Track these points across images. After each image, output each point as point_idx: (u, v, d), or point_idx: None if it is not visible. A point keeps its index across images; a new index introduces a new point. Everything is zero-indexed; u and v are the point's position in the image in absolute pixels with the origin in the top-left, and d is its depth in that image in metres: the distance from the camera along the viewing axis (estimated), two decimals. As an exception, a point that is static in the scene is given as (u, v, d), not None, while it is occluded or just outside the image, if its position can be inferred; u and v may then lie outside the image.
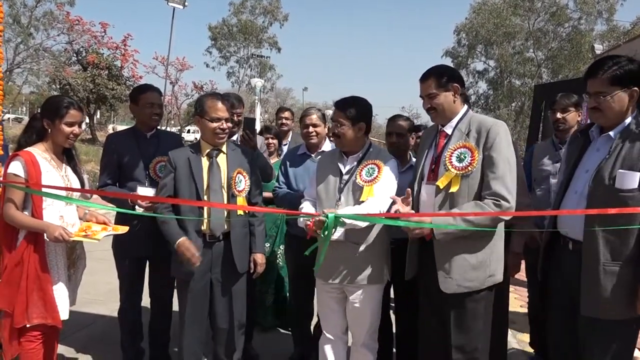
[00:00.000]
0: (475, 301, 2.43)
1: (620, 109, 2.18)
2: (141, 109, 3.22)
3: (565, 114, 3.39)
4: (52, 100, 2.73)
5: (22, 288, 2.51)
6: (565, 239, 2.35)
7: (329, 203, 2.68)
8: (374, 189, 2.63)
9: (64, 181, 2.66)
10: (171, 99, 23.24)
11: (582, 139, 2.40)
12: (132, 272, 3.27)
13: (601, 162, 2.19)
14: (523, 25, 33.05)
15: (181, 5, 20.89)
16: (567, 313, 2.34)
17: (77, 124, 2.66)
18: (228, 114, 2.86)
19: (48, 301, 2.55)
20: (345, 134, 2.69)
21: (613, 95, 2.16)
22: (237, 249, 2.88)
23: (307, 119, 3.39)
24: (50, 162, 2.63)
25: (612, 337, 2.20)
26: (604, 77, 2.16)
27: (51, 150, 2.67)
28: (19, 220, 2.52)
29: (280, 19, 38.96)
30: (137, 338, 3.44)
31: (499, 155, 2.34)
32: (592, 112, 2.25)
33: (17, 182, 2.51)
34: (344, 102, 2.74)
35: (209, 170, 2.84)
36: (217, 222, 2.83)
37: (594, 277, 2.17)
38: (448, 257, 2.40)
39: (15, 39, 19.59)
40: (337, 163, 2.78)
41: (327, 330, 2.87)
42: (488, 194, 2.33)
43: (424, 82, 2.50)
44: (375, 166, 2.68)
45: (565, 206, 2.33)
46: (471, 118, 2.48)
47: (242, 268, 2.92)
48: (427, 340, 2.66)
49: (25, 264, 2.52)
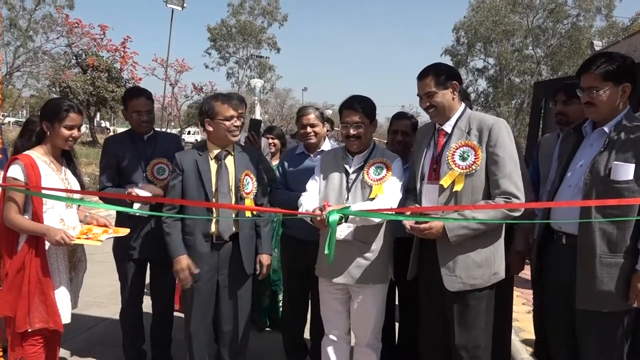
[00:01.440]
0: (478, 299, 2.44)
1: (613, 103, 2.22)
2: (130, 115, 3.25)
3: (567, 106, 3.21)
4: (51, 103, 2.72)
5: (23, 293, 2.50)
6: (558, 233, 2.38)
7: (336, 202, 2.65)
8: (383, 187, 2.62)
9: (64, 184, 2.65)
10: (171, 101, 23.26)
11: (575, 136, 2.43)
12: (133, 274, 3.27)
13: (596, 155, 2.23)
14: (522, 23, 33.03)
15: (180, 6, 20.88)
16: (562, 306, 2.36)
17: (77, 127, 2.66)
18: (237, 111, 2.87)
19: (49, 305, 2.54)
20: (366, 134, 2.67)
21: (605, 90, 2.20)
22: (245, 250, 2.88)
23: (304, 119, 3.31)
24: (50, 165, 2.62)
25: (608, 329, 2.23)
26: (597, 72, 2.21)
27: (50, 153, 2.66)
28: (20, 224, 2.51)
29: (279, 20, 38.99)
30: (139, 340, 3.44)
31: (504, 153, 2.35)
32: (586, 107, 2.28)
33: (16, 185, 2.50)
34: (357, 101, 2.69)
35: (217, 173, 2.82)
36: (226, 224, 2.83)
37: (591, 270, 2.20)
38: (452, 256, 2.41)
39: (15, 42, 19.65)
40: (342, 162, 2.74)
41: (330, 332, 2.85)
42: (498, 192, 2.34)
43: (421, 80, 2.48)
44: (383, 165, 2.67)
45: (559, 200, 2.36)
46: (470, 116, 2.48)
47: (250, 269, 2.92)
48: (428, 339, 2.66)
49: (27, 269, 2.51)
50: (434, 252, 2.45)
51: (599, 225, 2.18)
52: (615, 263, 2.17)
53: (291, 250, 3.32)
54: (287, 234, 3.39)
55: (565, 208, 2.35)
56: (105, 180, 3.22)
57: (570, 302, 2.29)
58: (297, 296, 3.42)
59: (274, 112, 36.11)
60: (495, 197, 2.35)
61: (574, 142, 2.39)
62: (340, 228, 2.56)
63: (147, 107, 3.23)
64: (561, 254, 2.36)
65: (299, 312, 3.48)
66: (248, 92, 34.17)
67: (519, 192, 2.34)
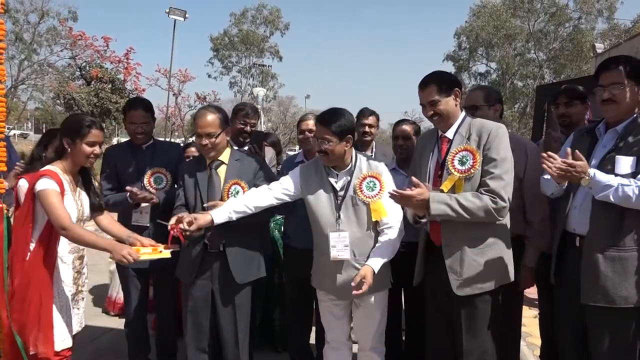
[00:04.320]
0: (486, 302, 2.45)
1: (632, 102, 2.26)
2: (127, 126, 3.30)
3: (569, 108, 3.17)
4: (73, 119, 2.67)
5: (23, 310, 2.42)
6: (572, 235, 2.39)
7: (328, 221, 2.63)
8: (383, 205, 2.59)
9: (77, 205, 2.60)
10: (174, 111, 23.35)
11: (589, 138, 2.43)
12: (136, 284, 3.28)
13: (606, 154, 2.27)
14: (523, 27, 33.06)
15: (182, 17, 21.00)
16: (574, 308, 2.36)
17: (99, 144, 2.60)
18: (212, 129, 2.79)
19: (43, 330, 2.43)
20: (334, 150, 2.56)
21: (628, 86, 2.23)
22: (235, 260, 2.85)
23: (303, 124, 3.38)
24: (70, 184, 2.57)
25: (618, 327, 2.23)
26: (620, 69, 2.24)
27: (69, 171, 2.59)
28: (79, 234, 2.41)
29: (281, 28, 39.15)
30: (145, 350, 3.44)
31: (498, 155, 2.36)
32: (605, 105, 2.30)
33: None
34: (327, 116, 2.60)
35: (209, 181, 2.88)
36: (216, 233, 2.81)
37: (594, 264, 2.22)
38: (459, 260, 2.41)
39: (20, 55, 19.77)
40: (328, 178, 2.67)
41: (332, 339, 2.85)
42: (485, 190, 2.34)
43: (424, 89, 2.48)
44: (375, 179, 2.62)
45: (575, 201, 2.38)
46: (471, 122, 2.49)
47: (242, 279, 2.87)
48: (434, 343, 2.66)
49: (31, 284, 2.42)
50: (440, 256, 2.45)
51: (603, 221, 2.22)
52: (620, 257, 2.19)
53: (293, 260, 3.32)
54: (288, 244, 3.40)
55: (579, 210, 2.36)
56: (107, 190, 3.26)
57: (580, 303, 2.29)
58: (302, 305, 3.41)
59: (277, 120, 36.14)
60: (482, 194, 2.33)
61: (589, 144, 2.40)
62: (337, 248, 2.58)
63: (143, 120, 3.24)
64: (573, 254, 2.37)
65: (304, 321, 3.47)
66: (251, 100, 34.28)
67: (506, 194, 2.33)
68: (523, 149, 2.80)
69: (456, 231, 2.41)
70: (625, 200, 2.12)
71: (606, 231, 2.22)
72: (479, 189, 2.36)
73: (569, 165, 2.15)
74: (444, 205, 2.31)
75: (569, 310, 2.40)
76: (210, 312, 2.92)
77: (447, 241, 2.44)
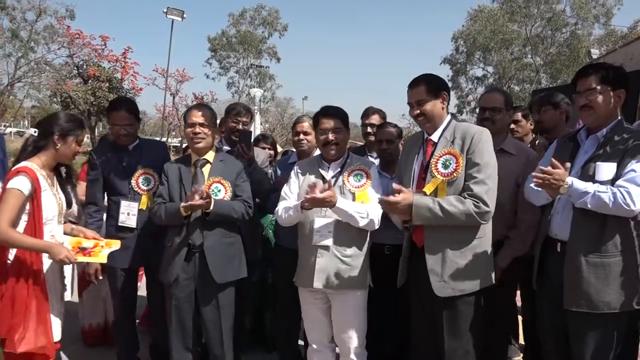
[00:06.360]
0: (467, 304, 2.47)
1: (609, 107, 2.28)
2: (111, 127, 3.29)
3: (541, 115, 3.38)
4: (68, 117, 2.65)
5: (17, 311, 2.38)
6: (554, 241, 2.41)
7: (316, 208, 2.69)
8: (367, 193, 2.67)
9: (56, 199, 2.59)
10: (172, 111, 23.30)
11: (571, 144, 2.45)
12: (123, 284, 3.26)
13: (587, 160, 2.28)
14: (520, 32, 33.15)
15: (180, 17, 21.03)
16: (556, 312, 2.38)
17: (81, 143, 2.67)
18: (204, 119, 2.92)
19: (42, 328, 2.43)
20: (345, 140, 2.79)
21: (603, 92, 2.26)
22: (213, 259, 2.88)
23: (298, 126, 3.42)
24: (46, 179, 2.55)
25: (599, 332, 2.25)
26: (595, 75, 2.28)
27: (47, 166, 2.58)
28: (16, 239, 2.35)
29: (279, 30, 39.14)
30: (134, 348, 3.45)
31: (482, 160, 2.39)
32: (583, 111, 2.33)
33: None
34: (334, 109, 2.82)
35: (193, 180, 2.93)
36: (195, 232, 2.87)
37: (577, 270, 2.24)
38: (440, 262, 2.43)
39: (16, 53, 19.71)
40: (319, 169, 2.80)
41: (314, 341, 2.88)
42: (469, 194, 2.37)
43: (413, 88, 2.53)
44: (362, 172, 2.75)
45: (557, 207, 2.40)
46: (456, 126, 2.52)
47: (221, 279, 2.90)
48: (419, 344, 2.68)
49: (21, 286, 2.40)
50: (422, 258, 2.48)
51: (585, 227, 2.23)
52: (602, 263, 2.21)
53: (283, 260, 3.32)
54: (279, 243, 3.42)
55: (561, 216, 2.38)
56: (96, 192, 3.26)
57: (562, 308, 2.32)
58: (291, 304, 3.41)
59: (274, 121, 36.12)
60: (465, 198, 2.36)
61: (571, 150, 2.43)
62: (321, 233, 2.64)
63: (126, 121, 3.20)
64: (554, 260, 2.39)
65: (293, 320, 3.49)
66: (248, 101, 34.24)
67: (489, 200, 2.36)
68: (525, 156, 2.88)
69: (438, 233, 2.43)
70: (603, 206, 2.15)
71: (587, 237, 2.24)
72: (462, 193, 2.38)
73: (545, 173, 2.18)
74: (427, 211, 2.35)
75: (551, 315, 2.43)
76: (194, 311, 2.95)
77: (429, 243, 2.47)
